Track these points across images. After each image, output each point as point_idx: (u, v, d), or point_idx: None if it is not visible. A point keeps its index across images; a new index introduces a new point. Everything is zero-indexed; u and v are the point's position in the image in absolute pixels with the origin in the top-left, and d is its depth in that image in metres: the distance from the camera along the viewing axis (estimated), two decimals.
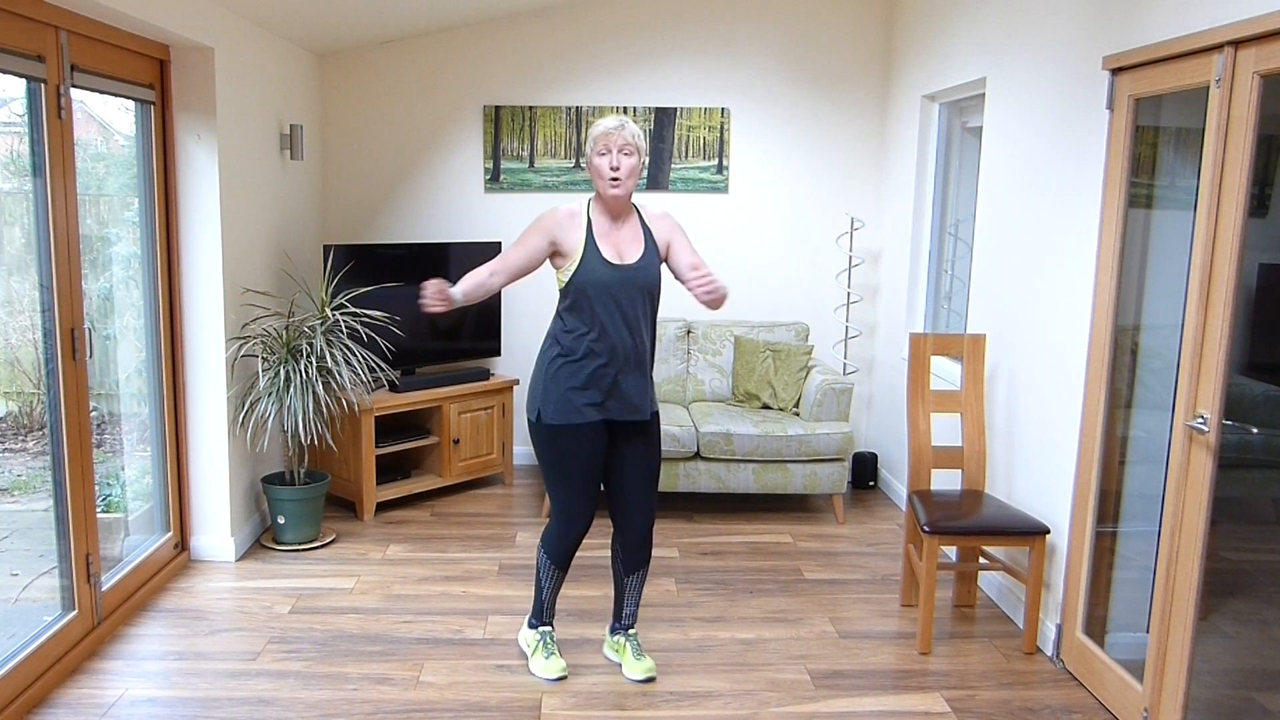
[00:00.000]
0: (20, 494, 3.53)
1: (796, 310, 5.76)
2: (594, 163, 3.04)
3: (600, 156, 3.03)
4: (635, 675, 3.31)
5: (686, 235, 3.20)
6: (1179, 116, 3.08)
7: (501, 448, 5.38)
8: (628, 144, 3.01)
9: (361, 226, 5.64)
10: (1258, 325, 2.88)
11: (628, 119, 3.05)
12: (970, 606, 3.96)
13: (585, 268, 3.04)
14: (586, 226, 3.09)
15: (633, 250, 3.10)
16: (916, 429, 3.86)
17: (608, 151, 3.01)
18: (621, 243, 3.10)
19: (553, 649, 3.36)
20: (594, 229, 3.09)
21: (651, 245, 3.13)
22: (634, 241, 3.12)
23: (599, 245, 3.06)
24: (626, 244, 3.10)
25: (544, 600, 3.37)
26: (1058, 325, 3.52)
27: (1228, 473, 2.73)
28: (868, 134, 5.62)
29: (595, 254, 3.05)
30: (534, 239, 3.09)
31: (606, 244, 3.08)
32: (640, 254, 3.10)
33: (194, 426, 4.18)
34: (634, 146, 3.03)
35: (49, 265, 3.15)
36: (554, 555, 3.28)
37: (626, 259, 3.08)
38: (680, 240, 3.19)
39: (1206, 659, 2.91)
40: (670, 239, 3.18)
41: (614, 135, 3.00)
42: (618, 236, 3.11)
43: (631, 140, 3.02)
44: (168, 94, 3.95)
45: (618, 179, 3.02)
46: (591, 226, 3.09)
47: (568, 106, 5.53)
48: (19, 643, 3.09)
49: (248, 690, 3.19)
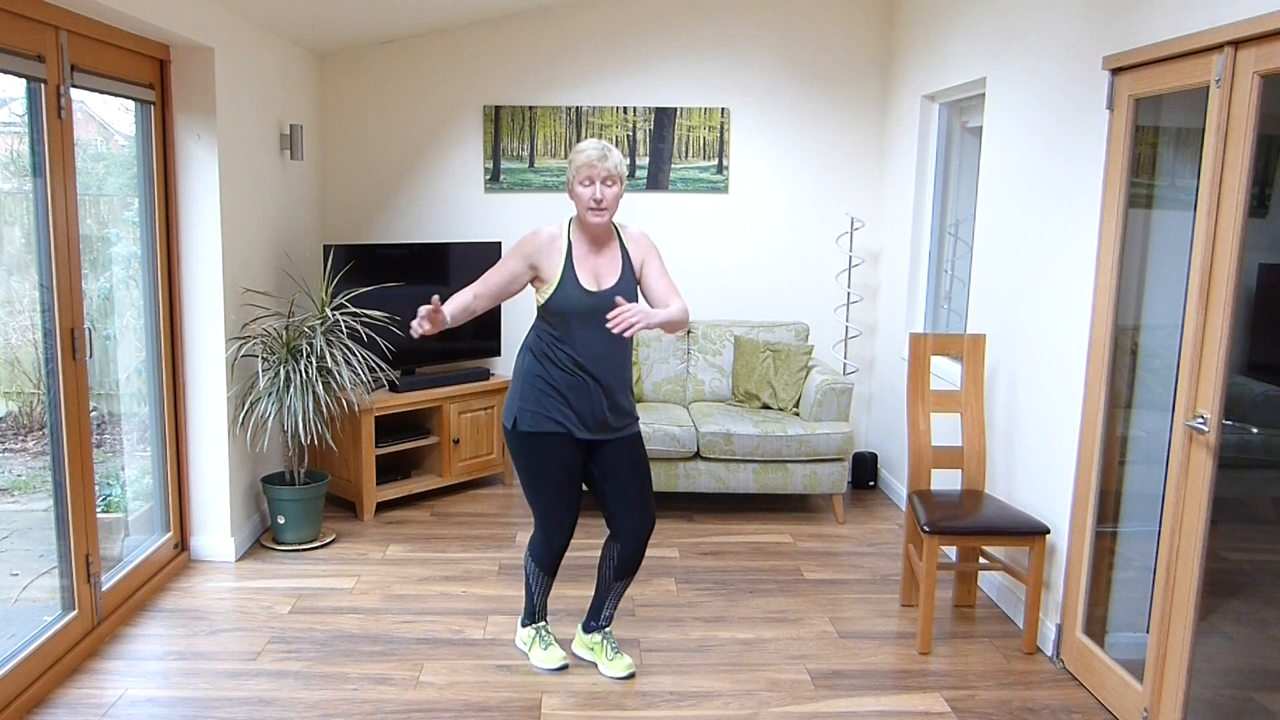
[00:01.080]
0: (20, 494, 3.53)
1: (796, 310, 5.76)
2: (576, 191, 3.06)
3: (583, 187, 3.04)
4: (617, 673, 3.33)
5: (660, 258, 3.24)
6: (1179, 116, 3.08)
7: (501, 448, 5.38)
8: (610, 175, 3.03)
9: (361, 226, 5.64)
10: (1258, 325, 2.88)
11: (610, 146, 3.06)
12: (970, 606, 3.96)
13: (562, 292, 3.08)
14: (566, 251, 3.12)
15: (609, 275, 3.13)
16: (916, 429, 3.86)
17: (591, 183, 3.03)
18: (599, 267, 3.14)
19: (549, 640, 3.41)
20: (573, 253, 3.12)
21: (628, 269, 3.16)
22: (611, 265, 3.15)
23: (576, 271, 3.10)
24: (604, 269, 3.14)
25: (535, 604, 3.42)
26: (1058, 325, 3.52)
27: (1228, 473, 2.73)
28: (868, 134, 5.62)
29: (572, 280, 3.09)
30: (514, 263, 3.14)
31: (584, 269, 3.11)
32: (617, 279, 3.13)
33: (194, 426, 4.18)
34: (616, 177, 3.05)
35: (49, 265, 3.15)
36: (541, 563, 3.33)
37: (604, 284, 3.11)
38: (653, 263, 3.21)
39: (1206, 659, 2.91)
40: (644, 259, 3.21)
41: (597, 167, 3.01)
42: (596, 261, 3.14)
43: (614, 170, 3.04)
44: (168, 94, 3.95)
45: (600, 209, 3.04)
46: (571, 251, 3.12)
47: (568, 106, 5.53)
48: (19, 643, 3.09)
49: (248, 690, 3.19)
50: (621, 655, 3.37)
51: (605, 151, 3.03)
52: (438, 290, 5.17)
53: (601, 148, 3.04)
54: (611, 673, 3.34)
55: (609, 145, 3.06)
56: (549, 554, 3.29)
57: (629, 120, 5.54)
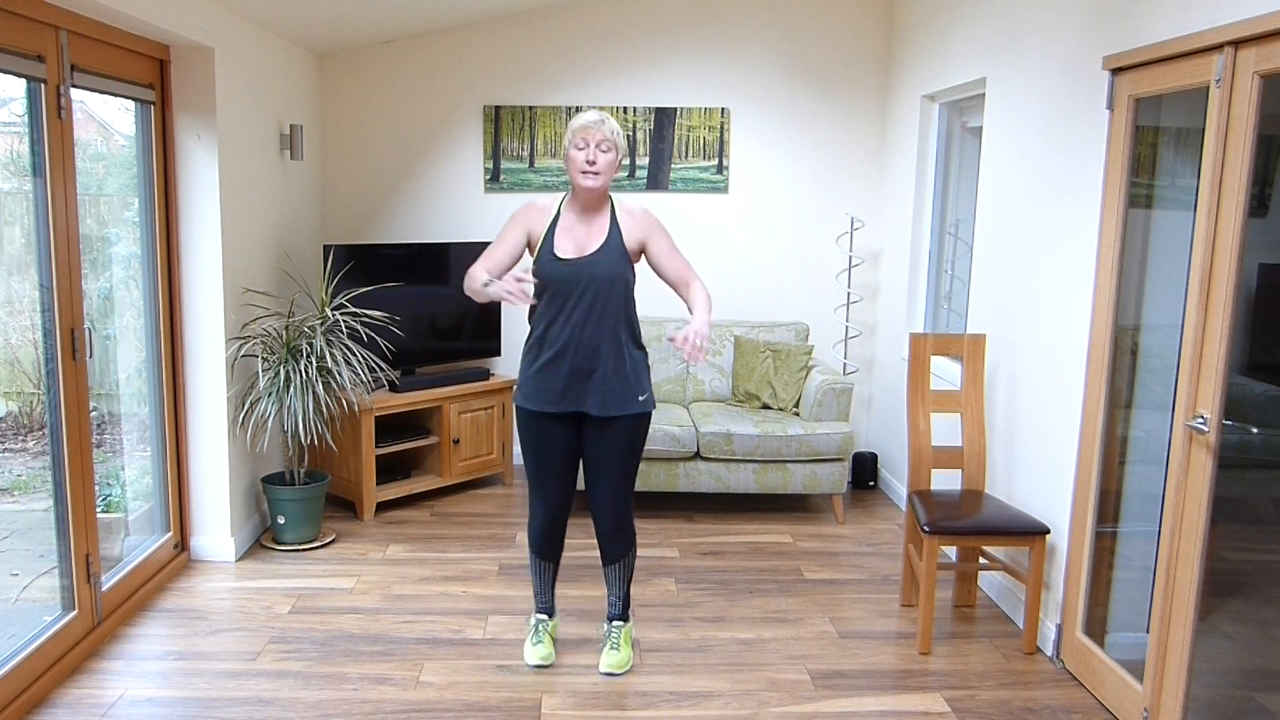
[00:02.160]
0: (20, 494, 3.53)
1: (796, 310, 5.76)
2: (570, 154, 3.07)
3: (578, 150, 3.05)
4: (600, 667, 3.35)
5: (668, 234, 3.20)
6: (1179, 116, 3.08)
7: (501, 448, 5.38)
8: (606, 139, 3.04)
9: (361, 226, 5.65)
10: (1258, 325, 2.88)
11: (608, 116, 3.08)
12: (970, 606, 3.96)
13: (538, 261, 3.12)
14: (553, 219, 3.14)
15: (593, 243, 3.12)
16: (916, 429, 3.86)
17: (585, 146, 3.04)
18: (584, 236, 3.13)
19: (540, 636, 3.40)
20: (559, 223, 3.14)
21: (615, 236, 3.13)
22: (597, 234, 3.13)
23: (555, 240, 3.11)
24: (589, 238, 3.13)
25: (535, 590, 3.44)
26: (1058, 325, 3.52)
27: (1228, 473, 2.73)
28: (868, 134, 5.62)
29: (548, 249, 3.11)
30: (511, 232, 3.17)
31: (566, 238, 3.11)
32: (599, 246, 3.11)
33: (194, 426, 4.18)
34: (612, 143, 3.05)
35: (49, 265, 3.15)
36: (531, 542, 3.37)
37: (586, 251, 3.10)
38: (660, 239, 3.19)
39: (1206, 659, 2.91)
40: (647, 237, 3.18)
41: (593, 130, 3.03)
42: (581, 231, 3.14)
43: (610, 136, 3.05)
44: (168, 94, 3.96)
45: (593, 171, 3.04)
46: (558, 221, 3.14)
47: (568, 106, 5.53)
48: (19, 643, 3.09)
49: (248, 690, 3.19)
50: (616, 651, 3.36)
51: (603, 117, 3.06)
52: (438, 290, 5.17)
53: (600, 115, 3.07)
54: (599, 664, 3.36)
55: (608, 115, 3.09)
56: (534, 531, 3.33)
57: (629, 120, 5.54)
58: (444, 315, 5.25)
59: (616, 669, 3.33)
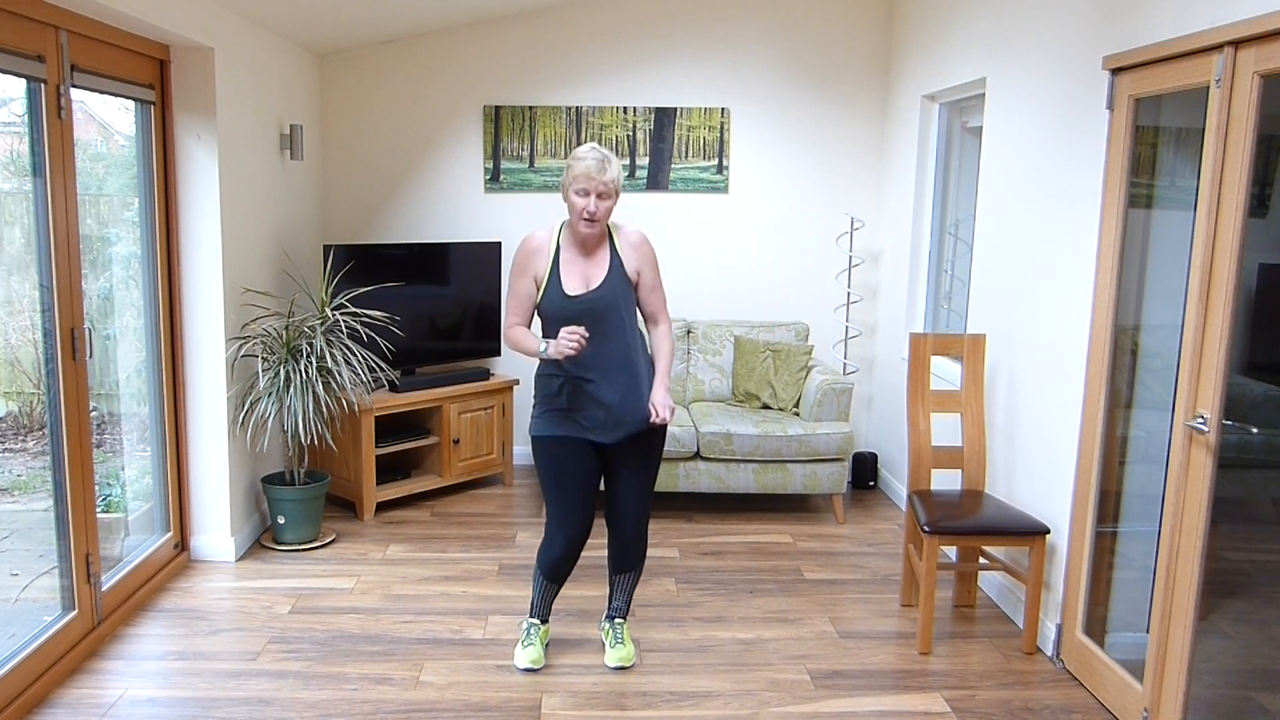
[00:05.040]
0: (20, 494, 3.53)
1: (796, 310, 5.76)
2: (571, 199, 3.07)
3: (579, 197, 3.04)
4: (609, 662, 3.38)
5: (658, 269, 3.25)
6: (1179, 116, 3.08)
7: (501, 448, 5.38)
8: (606, 189, 3.04)
9: (361, 226, 5.65)
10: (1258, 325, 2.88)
11: (610, 156, 3.05)
12: (970, 606, 3.96)
13: (547, 299, 3.12)
14: (554, 256, 3.14)
15: (597, 276, 3.14)
16: (916, 429, 3.86)
17: (586, 195, 3.03)
18: (588, 269, 3.15)
19: (532, 640, 3.40)
20: (560, 258, 3.14)
21: (617, 268, 3.15)
22: (599, 267, 3.15)
23: (561, 276, 3.12)
24: (592, 270, 3.14)
25: (533, 600, 3.44)
26: (1058, 325, 3.52)
27: (1228, 473, 2.73)
28: (868, 134, 5.62)
29: (556, 286, 3.12)
30: (521, 284, 3.18)
31: (571, 272, 3.13)
32: (603, 279, 3.13)
33: (194, 426, 4.18)
34: (612, 191, 3.05)
35: (49, 265, 3.15)
36: (542, 567, 3.35)
37: (591, 285, 3.12)
38: (650, 274, 3.23)
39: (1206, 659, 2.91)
40: (641, 268, 3.21)
41: (595, 179, 3.01)
42: (584, 263, 3.15)
43: (611, 184, 3.04)
44: (168, 94, 3.96)
45: (592, 220, 3.05)
46: (559, 256, 3.14)
47: (568, 106, 5.53)
48: (19, 643, 3.09)
49: (248, 690, 3.19)
50: (622, 646, 3.39)
51: (605, 164, 3.01)
52: (438, 290, 5.17)
53: (602, 158, 3.02)
54: (606, 660, 3.40)
55: (609, 155, 3.05)
56: (548, 559, 3.31)
57: (629, 120, 5.54)
58: (444, 315, 5.25)
59: (626, 662, 3.37)
